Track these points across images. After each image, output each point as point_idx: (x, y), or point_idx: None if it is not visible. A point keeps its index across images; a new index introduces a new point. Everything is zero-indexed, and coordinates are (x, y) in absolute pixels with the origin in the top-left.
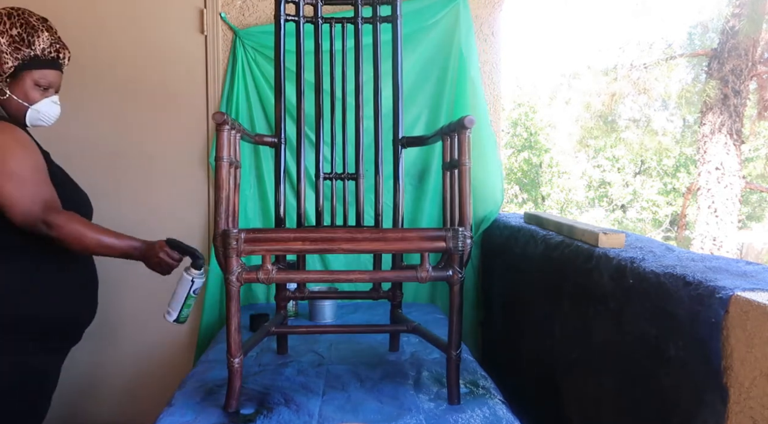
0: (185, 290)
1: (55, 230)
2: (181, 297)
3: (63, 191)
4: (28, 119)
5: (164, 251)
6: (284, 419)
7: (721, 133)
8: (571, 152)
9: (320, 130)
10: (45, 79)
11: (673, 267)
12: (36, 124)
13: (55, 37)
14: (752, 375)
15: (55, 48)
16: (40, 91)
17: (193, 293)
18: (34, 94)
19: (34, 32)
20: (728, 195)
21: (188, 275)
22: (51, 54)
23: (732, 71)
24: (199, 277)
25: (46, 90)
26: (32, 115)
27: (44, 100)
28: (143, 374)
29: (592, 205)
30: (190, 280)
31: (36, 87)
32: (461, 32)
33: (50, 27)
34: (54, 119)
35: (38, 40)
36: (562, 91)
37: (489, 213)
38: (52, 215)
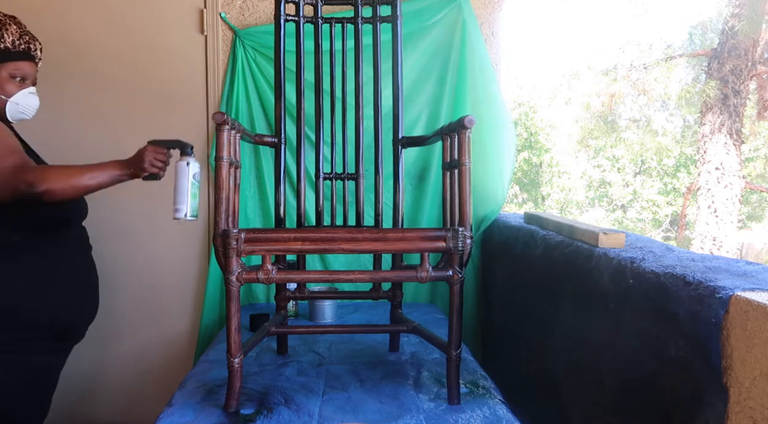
0: (185, 178)
1: (36, 187)
2: (185, 186)
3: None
4: (9, 113)
5: (149, 151)
6: (284, 419)
7: (721, 133)
8: (572, 152)
9: (320, 130)
10: (20, 71)
11: (673, 267)
12: (18, 118)
13: (23, 30)
14: (752, 375)
15: (25, 40)
16: (16, 84)
17: (194, 179)
18: (10, 87)
19: (2, 26)
20: (728, 195)
21: (182, 162)
22: (21, 46)
23: (732, 71)
24: (194, 160)
25: (22, 82)
26: (11, 108)
27: (22, 92)
28: (143, 374)
29: (592, 206)
30: (186, 164)
31: (11, 79)
32: (463, 32)
33: (19, 22)
34: (34, 110)
35: (6, 33)
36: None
37: (489, 213)
38: (27, 174)
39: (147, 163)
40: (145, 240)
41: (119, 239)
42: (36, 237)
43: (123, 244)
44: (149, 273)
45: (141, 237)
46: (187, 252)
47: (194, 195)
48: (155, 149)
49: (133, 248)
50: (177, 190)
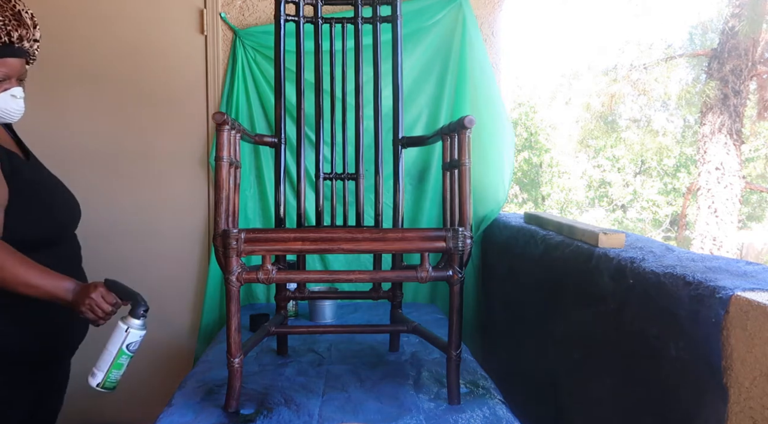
0: (117, 344)
1: None
2: (111, 353)
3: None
4: None
5: (98, 291)
6: (284, 419)
7: (721, 133)
8: (572, 152)
9: (320, 130)
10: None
11: (673, 267)
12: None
13: (6, 16)
14: (752, 375)
15: (6, 31)
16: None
17: (127, 350)
18: None
19: None
20: (728, 195)
21: (123, 323)
22: (2, 39)
23: (732, 71)
24: (137, 329)
25: (3, 82)
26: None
27: (0, 96)
28: (143, 374)
29: (592, 205)
30: (124, 330)
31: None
32: (463, 32)
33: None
34: (17, 115)
35: None
36: (562, 91)
37: (489, 212)
38: None
39: (86, 307)
40: (145, 240)
41: (119, 239)
42: None
43: (123, 244)
44: (149, 273)
45: (141, 237)
46: (187, 252)
47: (118, 365)
48: (104, 294)
49: (133, 248)
50: (103, 351)
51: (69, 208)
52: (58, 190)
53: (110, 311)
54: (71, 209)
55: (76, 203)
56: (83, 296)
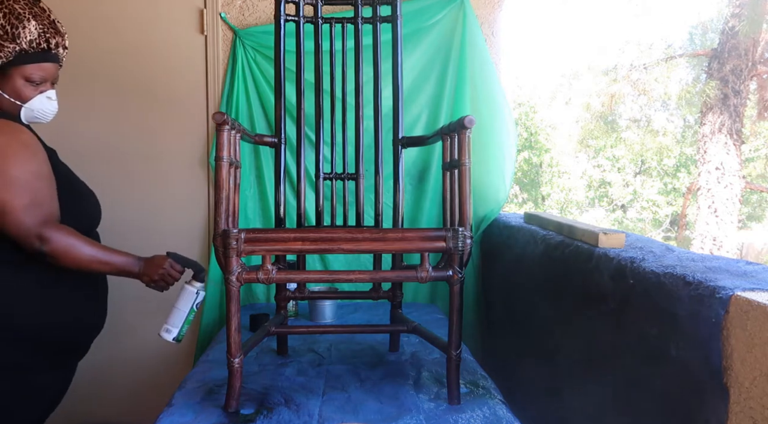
0: (189, 304)
1: (47, 245)
2: (184, 311)
3: (69, 194)
4: (24, 117)
5: (167, 261)
6: (284, 419)
7: (722, 133)
8: (572, 152)
9: (320, 130)
10: (37, 74)
11: (673, 267)
12: (32, 122)
13: (45, 24)
14: (752, 375)
15: (45, 38)
16: (32, 87)
17: (195, 308)
18: (26, 92)
19: (19, 23)
20: (728, 195)
21: (192, 287)
22: (41, 46)
23: (732, 71)
24: (203, 289)
25: (40, 85)
26: (26, 113)
27: (38, 97)
28: (143, 374)
29: (592, 205)
30: (195, 292)
31: (28, 83)
32: (463, 32)
33: (39, 12)
34: (51, 115)
35: (24, 31)
36: (562, 91)
37: (490, 212)
38: (48, 229)
39: (159, 276)
40: (145, 240)
41: (119, 239)
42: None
43: (123, 243)
44: None
45: (141, 237)
46: (187, 252)
47: (189, 322)
48: (173, 264)
49: (133, 247)
50: (175, 311)
51: (96, 203)
52: (86, 187)
53: (178, 279)
54: (98, 204)
55: (98, 202)
56: (155, 268)
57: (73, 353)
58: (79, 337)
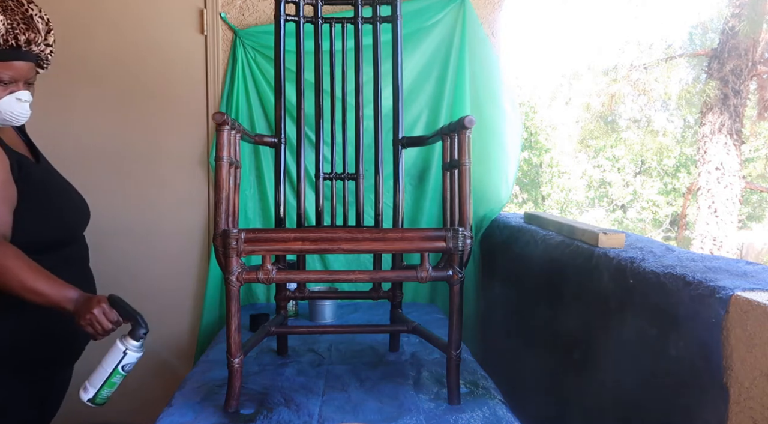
0: (112, 363)
1: None
2: (106, 371)
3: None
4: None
5: (101, 307)
6: (284, 419)
7: (722, 133)
8: (572, 152)
9: (320, 130)
10: (5, 74)
11: (673, 267)
12: (2, 125)
13: (15, 20)
14: (752, 375)
15: (13, 34)
16: (0, 88)
17: (122, 370)
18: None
19: None
20: (728, 195)
21: (121, 344)
22: (9, 42)
23: (732, 71)
24: (134, 350)
25: (9, 84)
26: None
27: (5, 99)
28: (143, 374)
29: (592, 205)
30: (122, 351)
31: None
32: (463, 31)
33: (13, 6)
34: (23, 118)
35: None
36: (562, 91)
37: (490, 212)
38: None
39: (86, 321)
40: (145, 240)
41: (119, 239)
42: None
43: (123, 243)
44: (149, 273)
45: (141, 237)
46: (187, 252)
47: (111, 384)
48: (106, 312)
49: (133, 247)
50: (98, 368)
51: (78, 210)
52: (68, 193)
53: (110, 329)
54: (80, 212)
55: (85, 206)
56: (85, 310)
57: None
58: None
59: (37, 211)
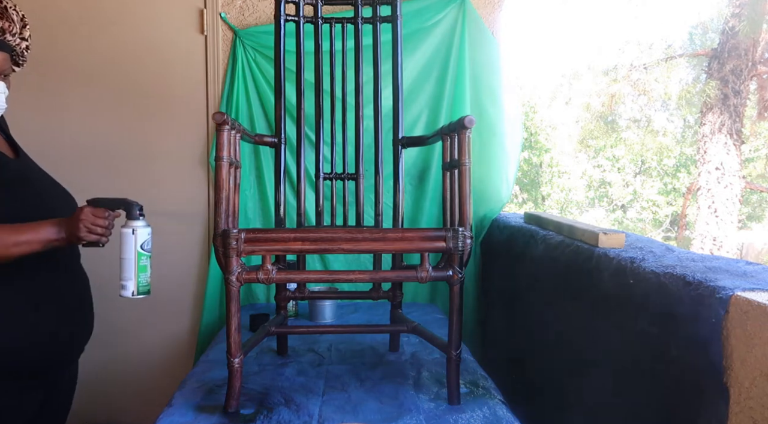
0: (131, 249)
1: None
2: (130, 259)
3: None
4: None
5: (84, 212)
6: (284, 419)
7: (722, 133)
8: (572, 152)
9: (320, 130)
10: None
11: (673, 267)
12: None
13: None
14: (752, 375)
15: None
16: None
17: (143, 249)
18: None
19: None
20: (728, 195)
21: (126, 228)
22: None
23: (732, 71)
24: (142, 227)
25: None
26: None
27: None
28: (143, 374)
29: (592, 205)
30: (131, 233)
31: None
32: (463, 31)
33: None
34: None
35: None
36: (562, 91)
37: (490, 211)
38: None
39: (83, 231)
40: None
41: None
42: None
43: None
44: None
45: None
46: (187, 252)
47: (143, 268)
48: (94, 212)
49: None
50: (122, 262)
51: (62, 206)
52: (49, 189)
53: (107, 225)
54: (65, 208)
55: (71, 201)
56: (75, 226)
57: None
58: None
59: (13, 208)
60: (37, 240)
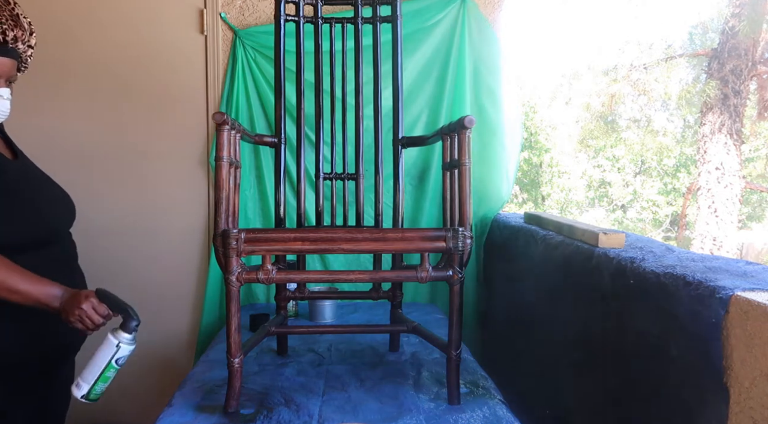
0: (105, 358)
1: None
2: (99, 366)
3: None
4: None
5: (89, 301)
6: (284, 419)
7: (722, 133)
8: (572, 152)
9: (320, 130)
10: None
11: (673, 267)
12: None
13: (2, 15)
14: (752, 375)
15: (1, 29)
16: None
17: (116, 364)
18: None
19: None
20: (728, 195)
21: (114, 337)
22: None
23: (732, 71)
24: (127, 343)
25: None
26: None
27: None
28: (143, 374)
29: (592, 205)
30: (115, 345)
31: None
32: (462, 31)
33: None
34: (2, 116)
35: None
36: (562, 91)
37: (490, 211)
38: None
39: (75, 318)
40: (145, 240)
41: (119, 239)
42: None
43: (123, 244)
44: (149, 273)
45: (141, 237)
46: (187, 252)
47: (105, 379)
48: (96, 306)
49: (133, 247)
50: (90, 363)
51: (60, 207)
52: (49, 190)
53: (101, 323)
54: (63, 209)
55: (69, 202)
56: (73, 306)
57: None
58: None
59: (11, 209)
60: (32, 297)
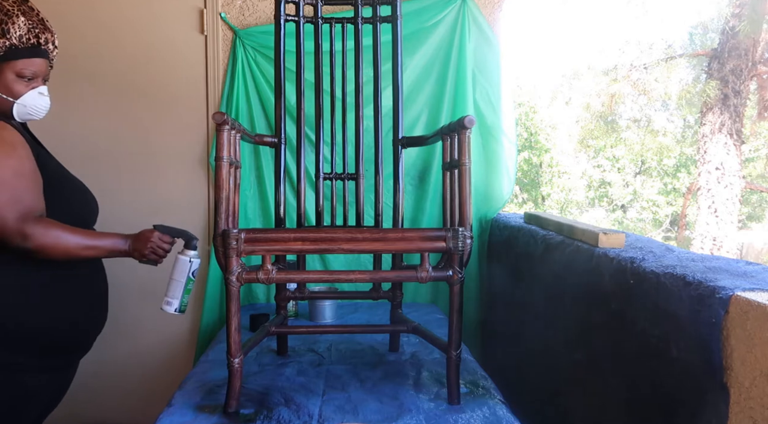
0: (184, 273)
1: (31, 241)
2: (181, 281)
3: (60, 190)
4: (16, 114)
5: (155, 235)
6: (284, 419)
7: (722, 133)
8: (572, 152)
9: (320, 130)
10: (28, 70)
11: (673, 267)
12: (25, 119)
13: (33, 21)
14: (752, 375)
15: (34, 33)
16: (24, 83)
17: (192, 276)
18: (18, 88)
19: (8, 19)
20: (728, 195)
21: (184, 256)
22: (30, 41)
23: (732, 71)
24: (196, 257)
25: (32, 80)
26: (19, 109)
27: (30, 93)
28: (143, 374)
29: (592, 205)
30: (188, 261)
31: (19, 79)
32: (462, 31)
33: (28, 9)
34: (44, 111)
35: (13, 27)
36: (562, 91)
37: (490, 211)
38: (29, 225)
39: (149, 250)
40: None
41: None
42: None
43: None
44: (149, 273)
45: None
46: None
47: (188, 291)
48: (161, 237)
49: None
50: (173, 283)
51: (91, 203)
52: (79, 186)
53: (169, 250)
54: (93, 204)
55: (95, 200)
56: (144, 242)
57: (71, 354)
58: (77, 337)
59: (58, 197)
60: (104, 247)
